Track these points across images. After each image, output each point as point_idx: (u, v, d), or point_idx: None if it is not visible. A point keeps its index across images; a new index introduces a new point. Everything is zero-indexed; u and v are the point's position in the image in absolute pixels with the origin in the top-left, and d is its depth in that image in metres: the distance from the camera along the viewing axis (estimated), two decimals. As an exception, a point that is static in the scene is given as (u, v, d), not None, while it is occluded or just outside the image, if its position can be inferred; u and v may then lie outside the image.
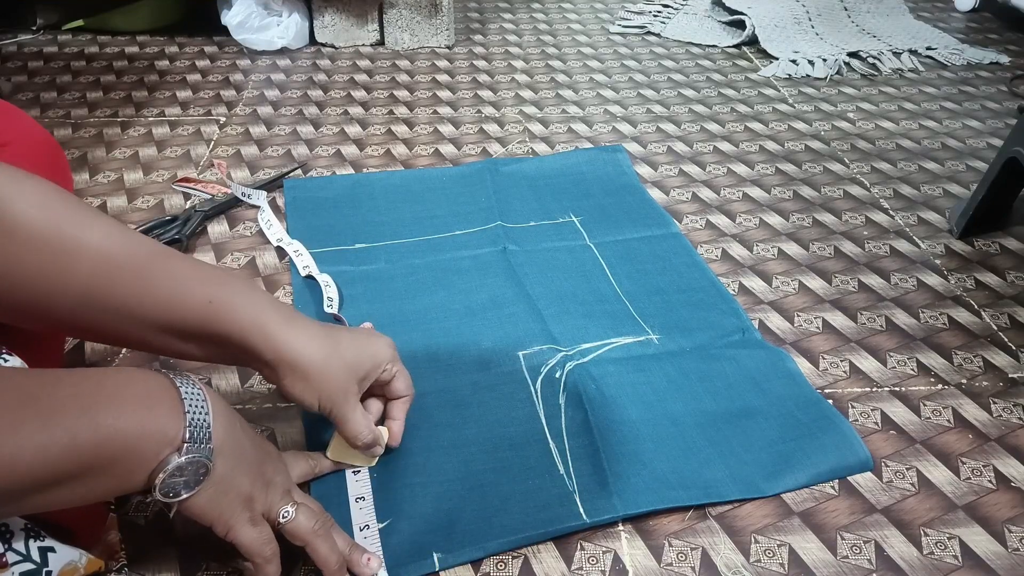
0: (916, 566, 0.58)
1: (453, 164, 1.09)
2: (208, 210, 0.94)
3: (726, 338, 0.79)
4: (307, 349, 0.55)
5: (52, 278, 0.50)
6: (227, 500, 0.48)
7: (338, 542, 0.54)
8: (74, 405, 0.42)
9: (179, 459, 0.44)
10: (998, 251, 0.95)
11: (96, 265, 0.51)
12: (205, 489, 0.47)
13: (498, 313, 0.80)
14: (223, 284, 0.55)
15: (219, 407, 0.48)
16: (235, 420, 0.50)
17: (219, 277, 0.55)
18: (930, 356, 0.78)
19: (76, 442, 0.41)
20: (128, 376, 0.46)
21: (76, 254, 0.51)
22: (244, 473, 0.49)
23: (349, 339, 0.58)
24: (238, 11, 1.39)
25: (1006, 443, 0.69)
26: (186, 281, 0.53)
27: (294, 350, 0.54)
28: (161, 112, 1.21)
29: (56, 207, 0.51)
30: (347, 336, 0.59)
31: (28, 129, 0.63)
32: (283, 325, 0.55)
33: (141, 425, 0.44)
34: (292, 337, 0.54)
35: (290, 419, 0.69)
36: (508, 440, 0.66)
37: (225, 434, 0.48)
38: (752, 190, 1.06)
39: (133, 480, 0.44)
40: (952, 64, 1.49)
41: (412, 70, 1.40)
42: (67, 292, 0.51)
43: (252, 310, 0.54)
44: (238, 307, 0.54)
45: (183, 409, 0.45)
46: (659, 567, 0.58)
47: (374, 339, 0.61)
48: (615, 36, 1.60)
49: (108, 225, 0.52)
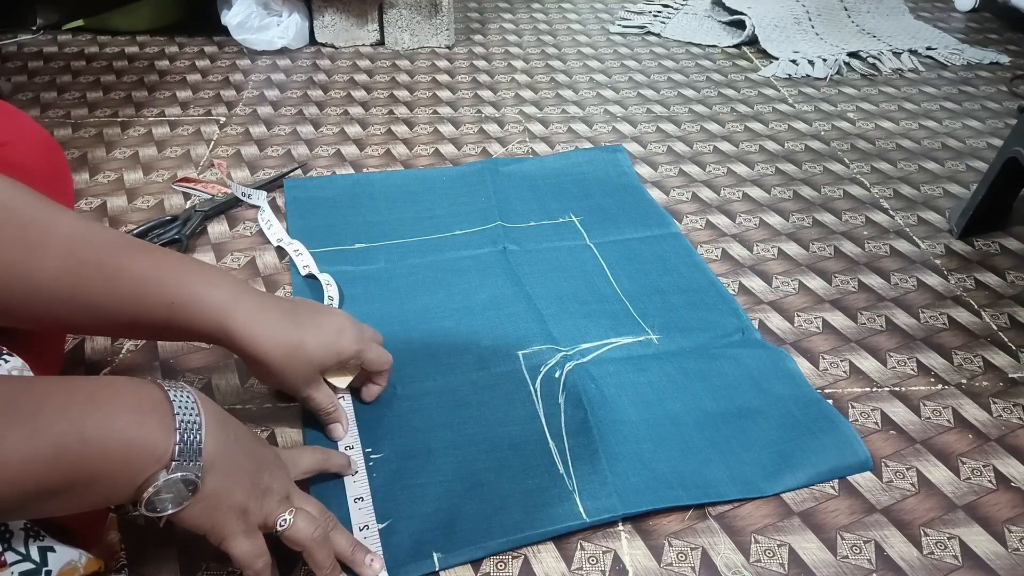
0: (916, 566, 0.58)
1: (453, 164, 1.09)
2: (208, 210, 0.94)
3: (726, 338, 0.79)
4: (271, 349, 0.57)
5: (20, 276, 0.50)
6: (219, 513, 0.48)
7: (341, 542, 0.54)
8: (61, 416, 0.41)
9: (166, 476, 0.44)
10: (998, 251, 0.95)
11: (63, 262, 0.51)
12: (194, 504, 0.46)
13: (498, 313, 0.80)
14: (183, 285, 0.54)
15: (213, 420, 0.47)
16: (230, 431, 0.49)
17: (180, 277, 0.54)
18: (930, 356, 0.78)
19: (62, 454, 0.40)
20: (120, 387, 0.45)
21: (42, 250, 0.50)
22: (238, 485, 0.48)
23: (314, 334, 0.60)
24: (238, 11, 1.39)
25: (1006, 443, 0.69)
26: (147, 284, 0.53)
27: (257, 350, 0.57)
28: (161, 112, 1.21)
29: (21, 204, 0.50)
30: (312, 332, 0.60)
31: (28, 129, 0.63)
32: (246, 323, 0.56)
33: (129, 440, 0.43)
34: (255, 336, 0.56)
35: (290, 419, 0.69)
36: (508, 440, 0.66)
37: (217, 448, 0.46)
38: (752, 190, 1.06)
39: (119, 494, 0.44)
40: (952, 64, 1.49)
41: (412, 70, 1.40)
42: (36, 290, 0.51)
43: (213, 313, 0.55)
44: (199, 310, 0.55)
45: (174, 424, 0.44)
46: (659, 567, 0.58)
47: (341, 335, 0.62)
48: (615, 36, 1.60)
49: (73, 220, 0.52)
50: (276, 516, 0.51)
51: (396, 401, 0.70)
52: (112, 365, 0.74)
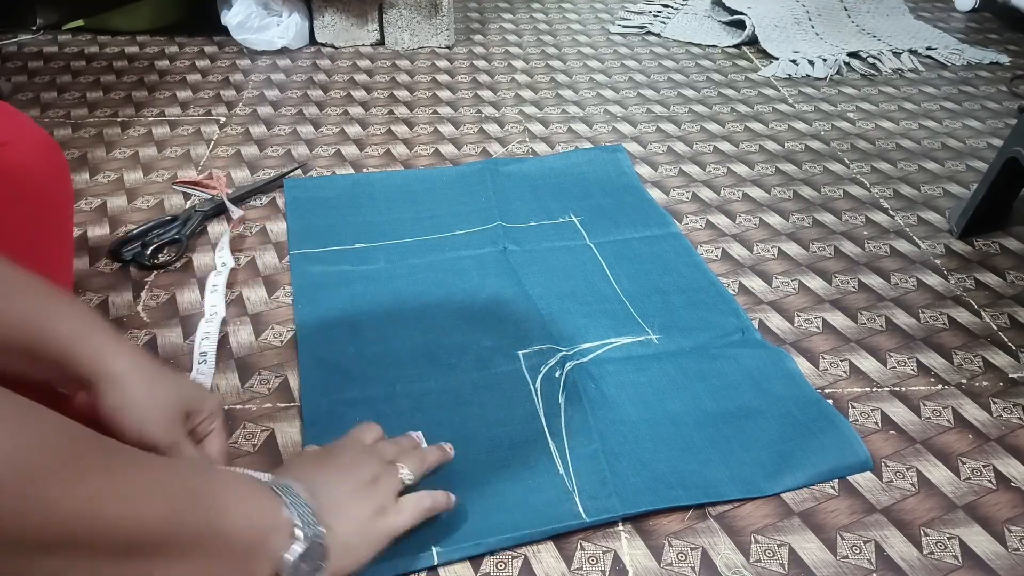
0: (916, 566, 0.58)
1: (453, 164, 1.09)
2: (208, 210, 0.94)
3: (726, 338, 0.79)
4: (130, 369, 0.50)
5: None
6: (357, 539, 0.51)
7: (430, 454, 0.59)
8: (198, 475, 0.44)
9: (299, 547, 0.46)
10: (998, 251, 0.95)
11: None
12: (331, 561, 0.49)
13: (498, 313, 0.80)
14: (43, 306, 0.49)
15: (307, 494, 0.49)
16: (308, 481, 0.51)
17: (38, 298, 0.49)
18: (930, 356, 0.78)
19: (188, 507, 0.42)
20: (230, 475, 0.48)
21: None
22: (348, 514, 0.51)
23: (173, 377, 0.54)
24: (238, 11, 1.39)
25: (1006, 443, 0.69)
26: None
27: (116, 367, 0.49)
28: (161, 112, 1.21)
29: None
30: (171, 374, 0.54)
31: (28, 129, 0.63)
32: (107, 341, 0.50)
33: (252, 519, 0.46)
34: (115, 352, 0.50)
35: (290, 419, 0.69)
36: (508, 440, 0.66)
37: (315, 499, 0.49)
38: (752, 190, 1.06)
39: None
40: (952, 64, 1.49)
41: (412, 70, 1.40)
42: None
43: (74, 324, 0.49)
44: (59, 323, 0.49)
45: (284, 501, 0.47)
46: (659, 567, 0.58)
47: (202, 388, 0.61)
48: (615, 36, 1.60)
49: None
50: (395, 484, 0.54)
51: (396, 400, 0.70)
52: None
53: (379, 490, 0.54)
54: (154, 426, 0.50)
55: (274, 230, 0.94)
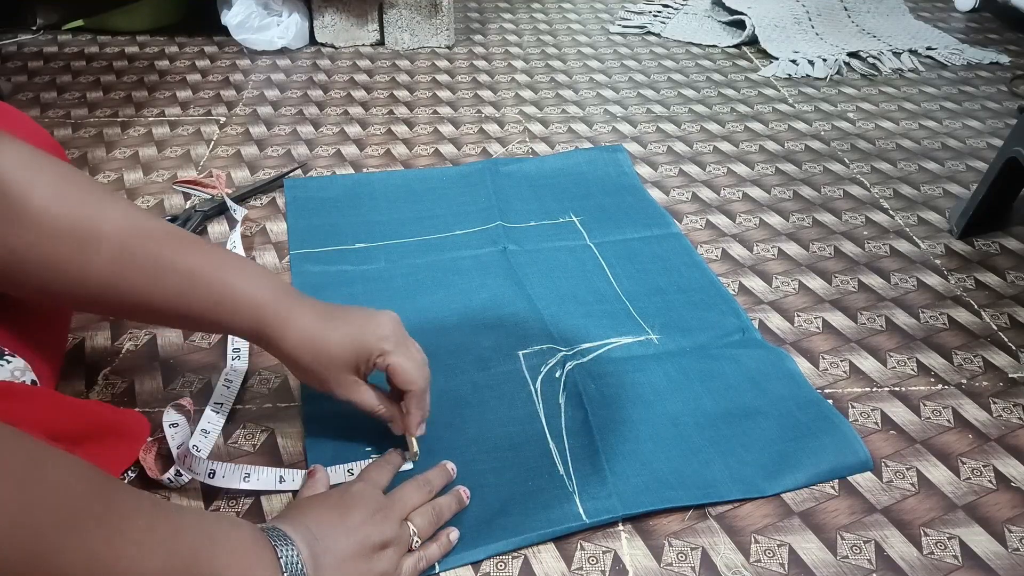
0: (916, 566, 0.58)
1: (453, 164, 1.09)
2: (208, 210, 0.94)
3: (726, 338, 0.79)
4: (295, 348, 0.58)
5: (71, 267, 0.52)
6: None
7: (446, 508, 0.59)
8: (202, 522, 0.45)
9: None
10: (998, 251, 0.95)
11: (113, 254, 0.53)
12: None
13: (498, 313, 0.80)
14: (226, 284, 0.56)
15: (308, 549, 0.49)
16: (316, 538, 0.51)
17: (223, 277, 0.56)
18: (930, 356, 0.78)
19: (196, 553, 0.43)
20: (230, 523, 0.48)
21: (95, 243, 0.52)
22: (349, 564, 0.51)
23: (340, 331, 0.59)
24: (238, 11, 1.39)
25: (1006, 443, 0.69)
26: (194, 281, 0.55)
27: (286, 351, 0.59)
28: (161, 112, 1.21)
29: (72, 193, 0.52)
30: (340, 329, 0.59)
31: (28, 129, 0.63)
32: (277, 324, 0.58)
33: None
34: (285, 337, 0.58)
35: (290, 419, 0.69)
36: (508, 440, 0.66)
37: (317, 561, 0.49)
38: (752, 190, 1.06)
39: None
40: (952, 64, 1.49)
41: (412, 70, 1.40)
42: (87, 280, 0.53)
43: (250, 314, 0.57)
44: (237, 310, 0.57)
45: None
46: (659, 567, 0.58)
47: (365, 329, 0.60)
48: (615, 36, 1.60)
49: (123, 209, 0.54)
50: (403, 544, 0.54)
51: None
52: (112, 365, 0.74)
53: (384, 559, 0.52)
54: (327, 389, 0.60)
55: (274, 230, 0.94)
